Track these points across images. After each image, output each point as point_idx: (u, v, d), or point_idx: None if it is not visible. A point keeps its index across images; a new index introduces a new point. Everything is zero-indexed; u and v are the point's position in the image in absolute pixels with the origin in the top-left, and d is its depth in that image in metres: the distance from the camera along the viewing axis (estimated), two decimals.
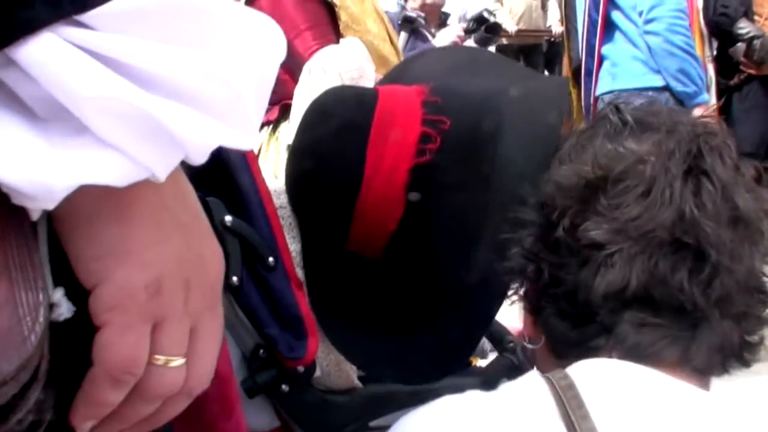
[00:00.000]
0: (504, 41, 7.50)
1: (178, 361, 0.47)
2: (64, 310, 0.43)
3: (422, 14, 3.22)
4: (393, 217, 0.99)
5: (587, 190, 0.78)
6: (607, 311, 0.76)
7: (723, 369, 0.80)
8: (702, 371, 0.77)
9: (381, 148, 0.98)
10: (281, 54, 0.45)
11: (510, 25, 7.41)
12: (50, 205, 0.39)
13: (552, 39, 7.59)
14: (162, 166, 0.42)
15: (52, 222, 0.44)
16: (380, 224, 1.00)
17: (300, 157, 1.07)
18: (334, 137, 1.01)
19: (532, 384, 0.76)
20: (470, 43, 3.16)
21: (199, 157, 0.43)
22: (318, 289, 1.02)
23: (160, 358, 0.46)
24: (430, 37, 3.10)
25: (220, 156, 0.87)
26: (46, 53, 0.37)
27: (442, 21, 3.46)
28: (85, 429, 0.46)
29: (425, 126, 1.00)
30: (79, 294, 0.44)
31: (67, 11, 0.37)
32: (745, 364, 0.81)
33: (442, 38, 3.08)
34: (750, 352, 0.80)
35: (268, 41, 0.45)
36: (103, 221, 0.43)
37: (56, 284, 0.44)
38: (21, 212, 0.41)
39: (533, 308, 0.85)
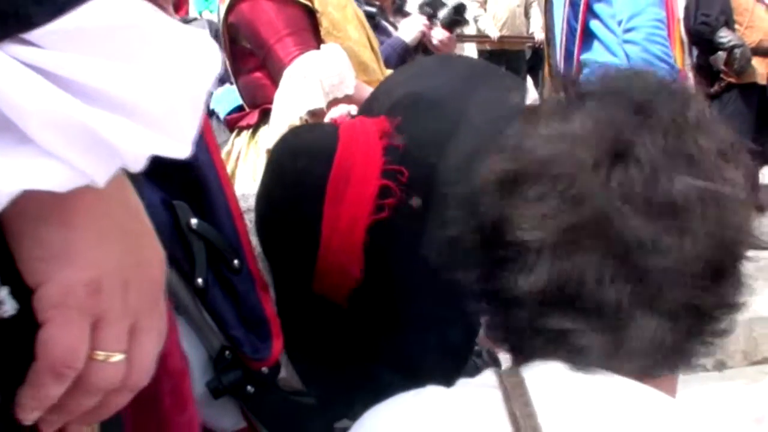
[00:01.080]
0: (487, 47, 7.50)
1: (117, 357, 0.50)
2: (9, 307, 0.46)
3: (376, 4, 3.09)
4: (353, 274, 1.01)
5: (510, 183, 0.74)
6: (533, 314, 0.73)
7: (668, 370, 0.76)
8: (639, 375, 0.74)
9: (337, 207, 0.99)
10: (215, 68, 0.48)
11: (493, 31, 7.41)
12: None
13: (535, 46, 7.60)
14: (101, 173, 0.45)
15: (1, 224, 0.46)
16: (342, 278, 1.02)
17: (263, 205, 1.07)
18: (292, 194, 1.03)
19: (485, 381, 0.76)
20: (437, 29, 2.96)
21: (136, 164, 0.46)
22: (287, 321, 1.03)
23: (101, 354, 0.49)
24: (392, 29, 2.99)
25: (187, 159, 0.88)
26: None
27: (397, 7, 3.25)
28: (31, 420, 0.49)
29: (384, 178, 0.99)
30: (23, 293, 0.47)
31: (14, 30, 0.40)
32: (688, 364, 0.76)
33: (405, 29, 2.93)
34: (697, 351, 0.75)
35: (203, 56, 0.48)
36: (47, 225, 0.46)
37: (1, 284, 0.46)
38: None
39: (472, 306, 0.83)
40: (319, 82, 1.90)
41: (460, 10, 3.03)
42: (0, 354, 0.46)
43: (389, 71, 2.31)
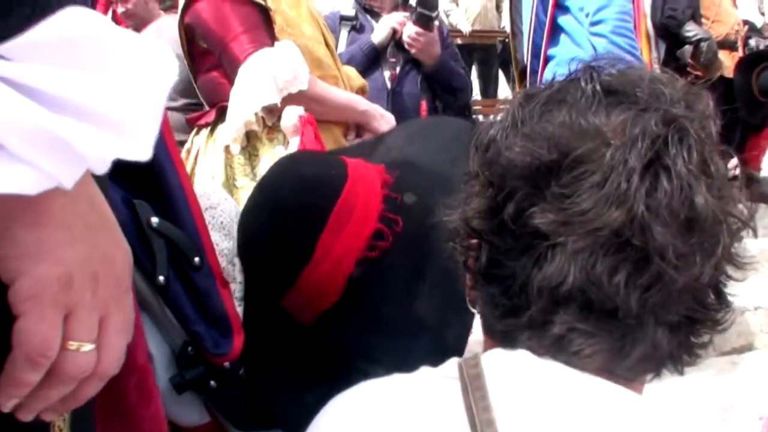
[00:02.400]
0: (458, 41, 7.50)
1: (88, 347, 0.53)
2: None
3: (374, 3, 3.02)
4: (329, 299, 1.08)
5: (539, 173, 0.72)
6: (539, 308, 0.72)
7: (656, 375, 0.77)
8: (628, 378, 0.74)
9: (335, 237, 1.06)
10: (172, 76, 0.51)
11: (465, 26, 7.41)
12: None
13: (506, 40, 7.59)
14: (68, 176, 0.47)
15: None
16: (316, 301, 1.09)
17: (253, 223, 1.13)
18: (294, 216, 1.09)
19: (446, 371, 0.77)
20: (410, 26, 2.87)
21: (100, 167, 0.49)
22: (251, 331, 1.07)
23: (73, 344, 0.52)
24: (375, 24, 2.95)
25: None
26: None
27: (396, 4, 3.19)
28: (9, 407, 0.52)
29: (381, 223, 1.09)
30: None
31: None
32: (679, 371, 0.77)
33: (380, 27, 2.90)
34: (687, 359, 0.76)
35: (160, 65, 0.51)
36: (20, 225, 0.49)
37: None
38: None
39: (471, 282, 0.82)
40: (273, 78, 1.91)
41: (426, 4, 2.91)
42: None
43: (348, 68, 2.34)
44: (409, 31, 2.88)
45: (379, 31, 2.89)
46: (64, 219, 0.51)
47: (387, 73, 2.93)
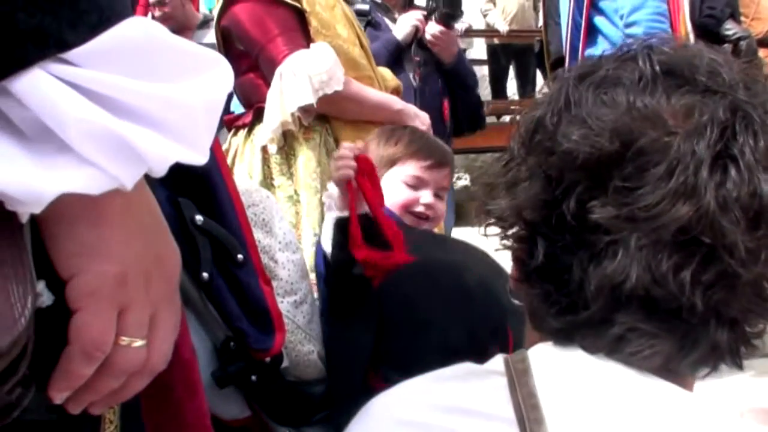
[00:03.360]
0: (496, 41, 7.46)
1: (139, 343, 0.55)
2: (45, 298, 0.52)
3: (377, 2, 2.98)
4: None
5: (600, 164, 0.68)
6: (599, 307, 0.68)
7: (712, 369, 0.73)
8: (683, 374, 0.71)
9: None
10: (229, 83, 0.54)
11: (502, 26, 7.35)
12: (38, 210, 0.47)
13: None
14: (129, 178, 0.50)
15: (38, 224, 0.52)
16: None
17: None
18: None
19: (491, 365, 0.75)
20: (431, 24, 2.84)
21: (160, 170, 0.51)
22: None
23: (125, 339, 0.54)
24: (390, 25, 2.90)
25: None
26: (36, 85, 0.46)
27: (405, 3, 3.18)
28: (61, 399, 0.54)
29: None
30: (56, 287, 0.52)
31: (53, 50, 0.46)
32: (738, 366, 0.72)
33: (399, 26, 2.87)
34: (744, 354, 0.72)
35: (217, 73, 0.53)
36: (80, 224, 0.52)
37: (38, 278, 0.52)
38: (10, 219, 0.49)
39: (520, 276, 0.77)
40: (309, 79, 1.94)
41: (454, 3, 2.92)
42: (36, 340, 0.51)
43: (382, 69, 2.35)
44: (433, 29, 2.86)
45: (402, 29, 2.86)
46: (122, 219, 0.53)
47: (410, 72, 2.92)
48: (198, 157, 0.53)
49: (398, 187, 1.59)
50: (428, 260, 1.34)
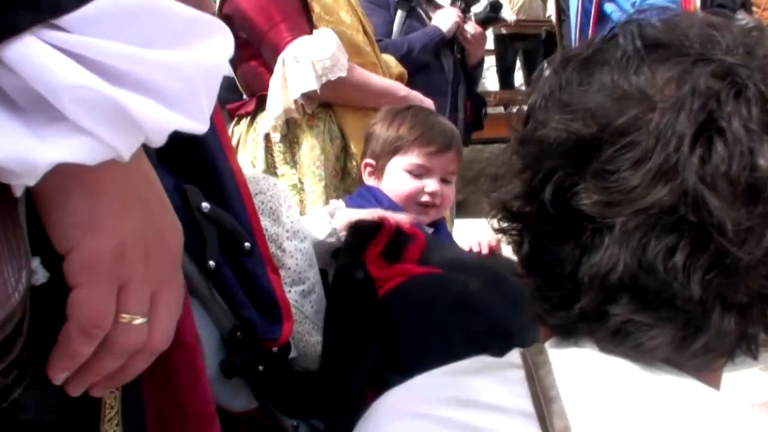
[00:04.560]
0: (503, 31, 7.44)
1: (140, 320, 0.54)
2: (41, 276, 0.50)
3: None
4: None
5: (577, 149, 0.65)
6: (589, 299, 0.66)
7: (729, 359, 0.69)
8: (697, 368, 0.68)
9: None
10: (229, 52, 0.51)
11: (510, 15, 7.32)
12: (32, 181, 0.46)
13: (551, 29, 7.48)
14: (126, 147, 0.48)
15: (32, 197, 0.50)
16: None
17: None
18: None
19: (509, 359, 0.73)
20: (471, 23, 2.96)
21: (158, 139, 0.49)
22: None
23: (125, 317, 0.53)
24: (427, 20, 2.93)
25: (197, 144, 0.91)
26: (28, 52, 0.43)
27: None
28: (60, 379, 0.52)
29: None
30: (52, 263, 0.50)
31: (45, 16, 0.44)
32: (752, 356, 0.68)
33: (442, 19, 2.89)
34: (758, 339, 0.68)
35: (217, 40, 0.51)
36: (75, 195, 0.50)
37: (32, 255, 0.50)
38: (4, 192, 0.47)
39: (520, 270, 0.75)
40: (312, 66, 1.92)
41: (496, 7, 3.08)
42: (32, 319, 0.49)
43: (386, 56, 2.32)
44: (473, 29, 2.96)
45: (445, 23, 2.88)
46: (118, 191, 0.51)
47: (447, 66, 2.96)
48: (197, 125, 0.50)
49: (402, 177, 1.57)
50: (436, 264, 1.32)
